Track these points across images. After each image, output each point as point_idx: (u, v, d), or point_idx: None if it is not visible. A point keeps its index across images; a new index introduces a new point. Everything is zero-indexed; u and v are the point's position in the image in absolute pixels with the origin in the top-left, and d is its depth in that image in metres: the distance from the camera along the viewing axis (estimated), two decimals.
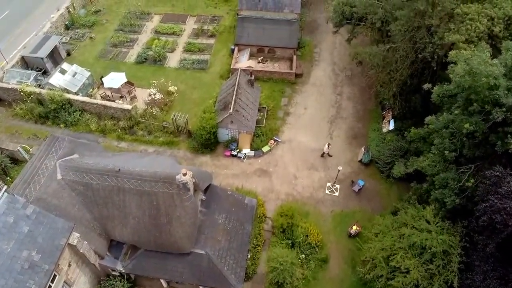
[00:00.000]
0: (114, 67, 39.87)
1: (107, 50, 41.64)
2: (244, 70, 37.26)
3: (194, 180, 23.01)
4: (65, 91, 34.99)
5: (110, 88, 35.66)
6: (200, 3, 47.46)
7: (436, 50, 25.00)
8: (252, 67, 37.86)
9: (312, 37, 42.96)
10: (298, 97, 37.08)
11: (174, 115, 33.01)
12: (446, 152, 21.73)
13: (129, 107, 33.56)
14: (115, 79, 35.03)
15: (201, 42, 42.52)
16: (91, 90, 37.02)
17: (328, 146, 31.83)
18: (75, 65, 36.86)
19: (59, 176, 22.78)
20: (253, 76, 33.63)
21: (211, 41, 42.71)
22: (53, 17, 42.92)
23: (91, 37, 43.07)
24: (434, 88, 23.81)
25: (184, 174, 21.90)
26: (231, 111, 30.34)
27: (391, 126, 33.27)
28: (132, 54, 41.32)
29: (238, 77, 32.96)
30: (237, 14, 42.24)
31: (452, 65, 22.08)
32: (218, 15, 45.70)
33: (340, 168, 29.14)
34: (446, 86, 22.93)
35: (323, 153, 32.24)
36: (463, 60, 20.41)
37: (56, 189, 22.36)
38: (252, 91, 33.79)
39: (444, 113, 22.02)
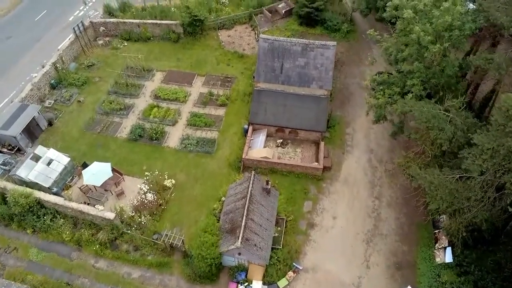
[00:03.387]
0: (102, 144, 33.02)
1: (96, 120, 34.73)
2: (259, 162, 30.12)
3: None
4: (36, 186, 28.28)
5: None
6: (210, 58, 40.24)
7: None
8: (269, 158, 30.42)
9: (343, 112, 35.25)
10: (326, 201, 29.46)
11: (167, 234, 25.79)
12: None
13: (111, 216, 26.46)
14: (97, 174, 28.00)
15: (209, 112, 35.26)
16: (69, 179, 30.13)
17: None
18: (51, 149, 29.96)
19: None
20: (269, 184, 26.20)
21: (221, 111, 35.41)
22: (35, 76, 36.30)
23: (79, 101, 36.24)
24: None
25: None
26: (239, 243, 22.97)
27: (448, 257, 25.50)
28: (126, 126, 34.31)
29: (250, 185, 25.61)
30: (253, 77, 35.04)
31: None
32: (231, 76, 38.39)
33: None
34: None
35: None
36: None
37: None
38: (268, 202, 26.36)
39: None
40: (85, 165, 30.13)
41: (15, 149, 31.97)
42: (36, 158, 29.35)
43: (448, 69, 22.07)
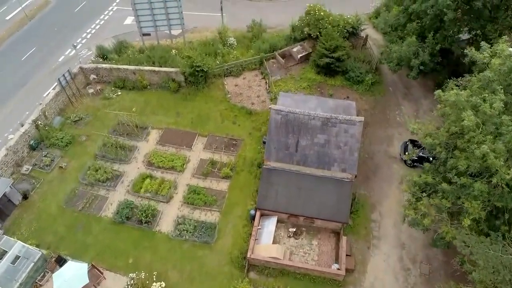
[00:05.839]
0: (83, 225, 28.14)
1: (78, 193, 29.81)
2: (267, 261, 24.90)
3: None
4: None
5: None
6: (214, 113, 35.06)
7: None
8: (280, 259, 25.11)
9: (368, 189, 29.81)
10: None
11: None
12: None
13: None
14: (69, 281, 22.86)
15: (210, 186, 30.13)
16: (40, 276, 25.25)
17: None
18: (18, 243, 25.03)
19: None
20: None
21: (224, 185, 30.23)
22: (11, 138, 31.57)
23: (61, 167, 31.37)
24: None
25: None
26: None
27: None
28: (112, 202, 29.36)
29: None
30: (263, 143, 29.93)
31: None
32: (237, 138, 33.16)
33: None
34: None
35: None
36: None
37: None
38: None
39: None
40: (59, 259, 25.33)
41: None
42: (1, 254, 24.53)
43: None
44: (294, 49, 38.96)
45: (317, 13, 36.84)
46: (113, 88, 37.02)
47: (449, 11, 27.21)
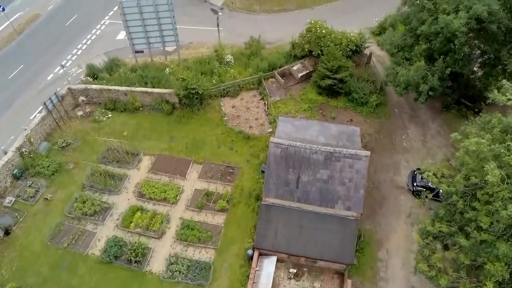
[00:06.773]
0: (68, 265, 26.21)
1: (64, 228, 27.88)
2: None
3: None
4: None
5: None
6: (210, 138, 33.08)
7: None
8: None
9: (373, 224, 27.84)
10: None
11: None
12: None
13: None
14: None
15: (205, 220, 28.19)
16: None
17: None
18: None
19: None
20: None
21: (220, 219, 28.28)
22: None
23: (46, 198, 29.46)
24: None
25: None
26: None
27: None
28: (100, 238, 27.43)
29: None
30: (262, 172, 28.00)
31: None
32: (234, 165, 31.20)
33: None
34: None
35: None
36: None
37: None
38: None
39: None
40: None
41: None
42: None
43: None
44: (294, 68, 37.03)
45: (319, 31, 34.92)
46: (103, 110, 35.07)
47: (460, 34, 25.30)
